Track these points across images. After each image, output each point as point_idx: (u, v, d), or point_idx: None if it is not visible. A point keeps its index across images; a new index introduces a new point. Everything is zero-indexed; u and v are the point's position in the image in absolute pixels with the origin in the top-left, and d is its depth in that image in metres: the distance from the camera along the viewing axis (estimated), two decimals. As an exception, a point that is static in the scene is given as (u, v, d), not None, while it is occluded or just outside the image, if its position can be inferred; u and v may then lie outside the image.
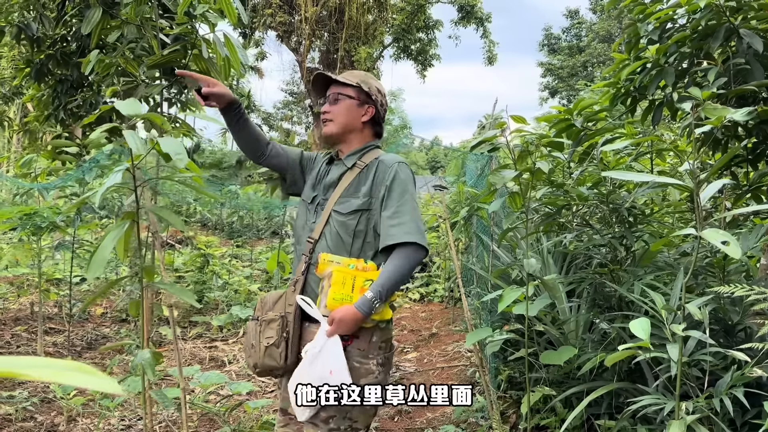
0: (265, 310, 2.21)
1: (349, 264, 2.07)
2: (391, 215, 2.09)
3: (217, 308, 7.37)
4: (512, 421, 3.64)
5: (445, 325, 6.82)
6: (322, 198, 2.26)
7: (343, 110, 2.25)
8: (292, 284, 2.21)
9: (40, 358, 0.58)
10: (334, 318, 2.01)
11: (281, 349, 2.11)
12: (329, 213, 2.18)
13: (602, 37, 32.73)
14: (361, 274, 2.06)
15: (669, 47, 2.84)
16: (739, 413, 2.34)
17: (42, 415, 3.92)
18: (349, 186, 2.19)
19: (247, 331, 2.24)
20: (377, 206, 2.15)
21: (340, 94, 2.26)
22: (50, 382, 1.05)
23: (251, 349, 2.18)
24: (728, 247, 1.47)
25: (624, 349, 1.87)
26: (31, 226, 4.99)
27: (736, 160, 2.99)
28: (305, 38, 23.23)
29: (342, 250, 2.13)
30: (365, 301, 2.00)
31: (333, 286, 2.02)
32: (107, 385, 0.57)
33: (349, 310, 2.00)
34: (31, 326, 6.11)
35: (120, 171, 2.18)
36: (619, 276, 3.05)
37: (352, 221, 2.14)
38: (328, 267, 2.06)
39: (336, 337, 2.02)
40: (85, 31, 3.95)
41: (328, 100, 2.29)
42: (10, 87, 7.67)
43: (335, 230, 2.15)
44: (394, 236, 2.05)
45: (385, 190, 2.14)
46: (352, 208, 2.14)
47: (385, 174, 2.16)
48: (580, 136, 3.14)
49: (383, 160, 2.23)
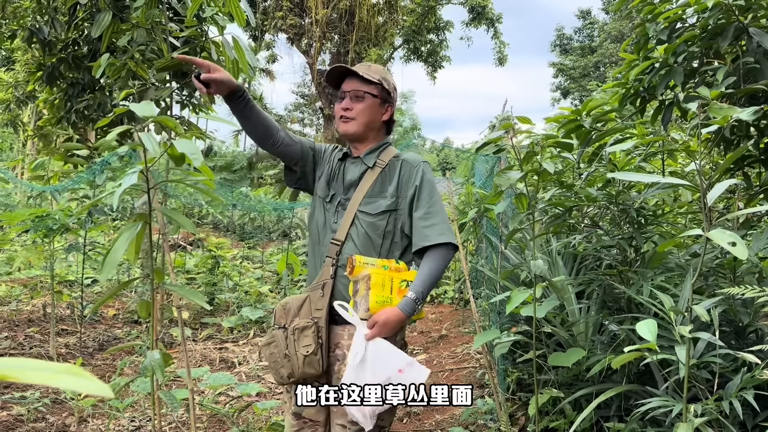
0: (290, 317, 2.12)
1: (382, 265, 2.04)
2: (423, 216, 2.10)
3: (227, 310, 7.40)
4: (521, 423, 3.62)
5: (454, 326, 6.80)
6: (343, 197, 2.20)
7: (367, 109, 2.19)
8: (318, 288, 2.12)
9: (33, 361, 0.58)
10: (376, 321, 1.98)
11: (319, 356, 2.06)
12: (354, 213, 2.13)
13: (614, 37, 32.56)
14: (397, 275, 2.04)
15: (678, 46, 2.82)
16: (749, 416, 2.31)
17: (53, 415, 3.95)
18: (373, 186, 2.16)
19: (275, 340, 2.11)
20: (404, 206, 2.14)
21: (366, 92, 2.18)
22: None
23: (284, 359, 2.08)
24: (735, 248, 1.46)
25: (630, 351, 1.85)
26: (43, 228, 5.04)
27: (749, 160, 2.96)
28: (316, 41, 23.30)
29: (371, 251, 2.10)
30: (409, 303, 2.01)
31: (373, 288, 1.98)
32: (98, 389, 0.57)
33: (393, 312, 1.99)
34: (44, 328, 6.17)
35: (135, 173, 2.20)
36: (629, 277, 3.03)
37: (381, 222, 2.12)
38: (364, 269, 2.00)
39: (380, 339, 1.99)
40: (96, 35, 3.99)
41: (349, 96, 2.19)
42: (23, 91, 7.75)
43: (363, 231, 2.11)
44: (429, 237, 2.06)
45: (415, 191, 2.14)
46: (381, 209, 2.12)
47: (411, 174, 2.16)
48: (588, 137, 3.12)
49: (407, 159, 2.21)
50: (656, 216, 3.30)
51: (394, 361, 1.98)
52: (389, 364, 1.97)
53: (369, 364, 1.97)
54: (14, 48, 6.92)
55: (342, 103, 2.21)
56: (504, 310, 3.19)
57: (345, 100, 2.20)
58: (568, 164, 3.68)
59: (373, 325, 1.98)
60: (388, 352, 1.99)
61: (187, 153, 1.97)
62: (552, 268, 3.65)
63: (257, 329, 6.60)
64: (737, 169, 3.02)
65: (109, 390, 0.59)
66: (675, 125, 4.53)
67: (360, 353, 1.97)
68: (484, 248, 5.27)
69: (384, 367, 1.96)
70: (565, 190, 3.23)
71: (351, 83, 2.20)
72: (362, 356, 1.97)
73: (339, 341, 2.13)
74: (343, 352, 2.10)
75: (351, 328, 2.08)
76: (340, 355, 2.11)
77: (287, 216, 10.50)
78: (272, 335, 2.14)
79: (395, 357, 1.99)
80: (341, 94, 2.22)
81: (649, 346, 1.76)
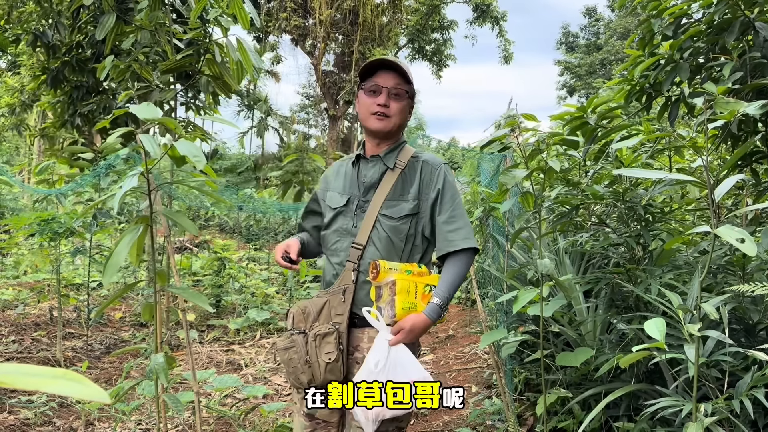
0: (310, 322, 2.08)
1: (405, 270, 2.01)
2: (447, 220, 2.08)
3: (234, 311, 7.40)
4: (529, 423, 3.60)
5: (461, 326, 6.78)
6: (361, 200, 2.15)
7: (403, 109, 2.16)
8: (339, 293, 2.08)
9: (30, 366, 0.57)
10: (403, 327, 1.95)
11: (341, 363, 2.03)
12: (375, 217, 2.09)
13: (620, 34, 32.45)
14: (420, 280, 2.02)
15: (683, 42, 2.79)
16: (761, 415, 2.29)
17: (60, 419, 3.95)
18: (394, 187, 2.12)
19: (295, 346, 2.07)
20: (426, 209, 2.11)
21: (407, 91, 2.14)
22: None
23: (305, 366, 2.04)
24: (744, 245, 1.43)
25: (639, 350, 1.83)
26: (49, 231, 5.05)
27: (757, 156, 2.93)
28: (320, 41, 23.32)
29: (393, 255, 2.08)
30: (435, 309, 1.99)
31: (399, 294, 1.95)
32: (94, 394, 0.56)
33: (419, 318, 1.97)
34: (51, 331, 6.18)
35: (135, 175, 2.19)
36: (637, 275, 3.00)
37: (404, 225, 2.08)
38: (388, 275, 1.96)
39: (402, 345, 1.97)
40: (99, 37, 3.99)
41: (387, 92, 2.11)
42: (29, 95, 7.78)
43: (385, 234, 2.08)
44: (453, 242, 2.05)
45: (438, 194, 2.11)
46: (403, 213, 2.09)
47: (432, 176, 2.13)
48: (594, 134, 3.10)
49: (427, 160, 2.17)
50: (664, 213, 3.27)
51: (410, 373, 1.95)
52: (405, 374, 1.94)
53: (386, 370, 1.94)
54: (20, 52, 6.94)
55: (378, 98, 2.12)
56: (511, 309, 3.17)
57: (382, 96, 2.11)
58: (574, 162, 3.65)
59: (398, 331, 1.96)
60: (408, 363, 1.97)
61: (189, 155, 1.95)
62: (559, 266, 3.63)
63: (264, 331, 6.60)
64: (745, 165, 2.99)
65: (106, 395, 0.58)
66: (682, 122, 4.50)
67: (381, 360, 1.94)
68: (490, 247, 5.25)
69: (400, 377, 1.93)
70: (572, 188, 3.20)
71: (391, 78, 2.12)
72: (383, 363, 1.94)
73: (358, 344, 2.10)
74: (362, 355, 2.07)
75: (370, 331, 2.06)
76: (360, 359, 2.08)
77: (292, 217, 10.50)
78: (292, 340, 2.08)
79: (413, 369, 1.96)
80: (374, 87, 2.12)
81: (657, 345, 1.74)
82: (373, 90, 2.13)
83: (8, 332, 6.03)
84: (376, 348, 1.97)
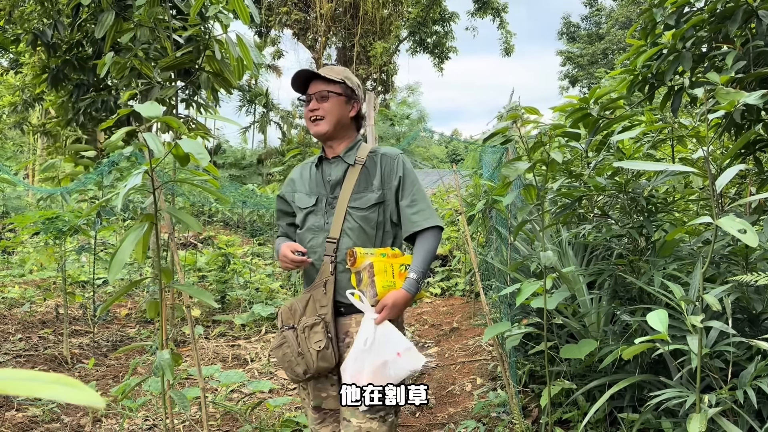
0: (297, 317, 2.22)
1: (380, 253, 2.16)
2: (409, 204, 2.23)
3: (239, 307, 7.42)
4: (534, 415, 3.60)
5: (466, 319, 6.79)
6: (330, 197, 2.29)
7: (334, 107, 2.28)
8: (320, 286, 2.21)
9: (24, 371, 0.57)
10: (385, 304, 2.09)
11: (331, 350, 2.15)
12: (345, 210, 2.22)
13: (622, 23, 32.26)
14: (395, 261, 2.17)
15: (686, 31, 2.77)
16: (765, 405, 2.28)
17: (68, 416, 3.98)
18: (358, 181, 2.26)
19: (287, 340, 2.21)
20: (390, 197, 2.27)
21: (330, 91, 2.27)
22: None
23: (298, 357, 2.17)
24: (745, 235, 1.43)
25: (642, 342, 1.82)
26: (54, 230, 5.06)
27: (760, 144, 2.91)
28: (321, 35, 23.25)
29: (367, 243, 2.22)
30: (412, 282, 2.14)
31: (378, 275, 2.10)
32: (90, 399, 0.56)
33: (399, 293, 2.11)
34: (57, 329, 6.21)
35: (139, 173, 2.19)
36: (640, 267, 3.00)
37: (372, 214, 2.23)
38: (365, 260, 2.11)
39: (387, 321, 2.10)
40: (99, 35, 3.98)
41: (314, 98, 2.28)
42: (30, 93, 7.78)
43: (357, 225, 2.21)
44: (417, 223, 2.21)
45: (399, 181, 2.26)
46: (371, 202, 2.23)
47: (393, 166, 2.28)
48: (596, 125, 3.08)
49: (385, 153, 2.33)
50: (666, 203, 3.26)
51: (394, 344, 2.08)
52: (390, 346, 2.07)
53: (376, 346, 2.07)
54: (21, 51, 6.94)
55: (309, 105, 2.30)
56: (514, 302, 3.17)
57: (312, 102, 2.29)
58: (576, 153, 3.63)
59: (382, 308, 2.09)
60: (392, 335, 2.10)
61: (193, 153, 1.98)
62: (562, 258, 3.62)
63: (269, 326, 6.61)
64: (748, 154, 2.98)
65: (101, 401, 0.58)
66: (685, 110, 4.47)
67: (369, 338, 2.07)
68: (493, 240, 5.24)
69: (385, 349, 2.06)
70: (574, 180, 3.19)
71: (315, 86, 2.30)
72: (371, 341, 2.06)
73: (348, 330, 2.22)
74: (353, 339, 2.18)
75: (357, 317, 2.19)
76: (351, 343, 2.18)
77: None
78: (283, 336, 2.23)
79: (397, 340, 2.09)
80: (307, 97, 2.32)
81: (660, 337, 1.74)
82: (307, 101, 2.33)
83: (15, 330, 6.07)
84: (363, 328, 2.11)
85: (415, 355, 2.10)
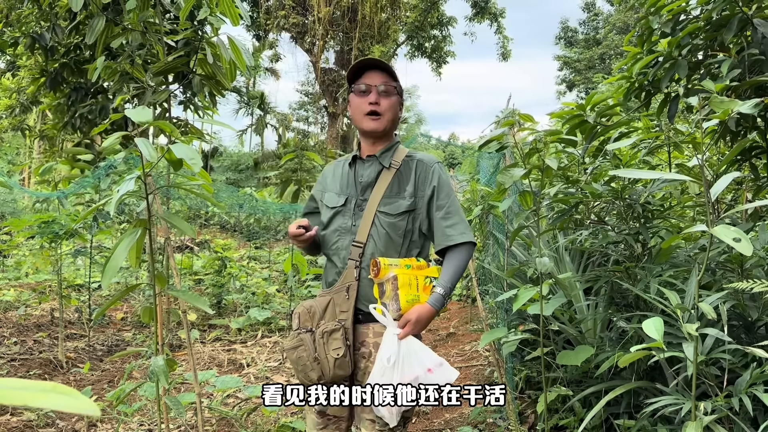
0: (316, 320, 2.12)
1: (405, 265, 2.08)
2: (444, 216, 2.15)
3: (235, 311, 7.40)
4: (530, 421, 3.60)
5: (462, 324, 6.78)
6: (359, 198, 2.19)
7: (394, 106, 2.20)
8: (342, 290, 2.12)
9: (17, 380, 0.57)
10: (409, 319, 2.02)
11: (348, 359, 2.07)
12: (374, 214, 2.13)
13: (619, 29, 32.35)
14: (420, 273, 2.09)
15: (682, 39, 2.78)
16: (760, 412, 2.28)
17: (63, 420, 3.96)
18: (391, 186, 2.17)
19: (303, 344, 2.10)
20: (422, 206, 2.18)
21: (395, 87, 2.18)
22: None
23: (314, 363, 2.07)
24: (739, 244, 1.43)
25: (638, 350, 1.83)
26: (50, 233, 5.05)
27: (756, 151, 2.92)
28: (319, 39, 23.28)
29: (392, 251, 2.13)
30: (438, 298, 2.06)
31: (402, 288, 2.03)
32: (84, 407, 0.56)
33: (423, 308, 2.04)
34: (53, 332, 6.18)
35: (132, 178, 2.19)
36: (636, 273, 3.00)
37: (401, 222, 2.14)
38: (389, 271, 2.04)
39: (411, 336, 2.03)
40: (90, 41, 3.97)
41: (376, 90, 2.16)
42: (28, 96, 7.77)
43: (384, 231, 2.13)
44: (451, 237, 2.12)
45: (433, 191, 2.18)
46: (401, 209, 2.14)
47: (428, 174, 2.20)
48: (593, 132, 3.09)
49: (422, 159, 2.23)
50: (663, 210, 3.26)
51: (424, 361, 2.00)
52: (420, 363, 1.99)
53: (400, 363, 1.98)
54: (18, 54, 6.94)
55: (369, 97, 2.17)
56: (511, 307, 3.17)
57: (372, 94, 2.16)
58: (572, 159, 3.64)
59: (405, 323, 2.02)
60: (419, 350, 2.02)
61: (186, 158, 1.96)
62: (559, 264, 3.63)
63: (265, 330, 6.60)
64: (744, 161, 2.99)
65: (96, 409, 0.58)
66: (681, 117, 4.48)
67: (393, 355, 1.98)
68: (490, 245, 5.24)
69: (414, 366, 1.98)
70: (570, 186, 3.20)
71: (378, 77, 2.17)
72: (395, 357, 1.98)
73: (364, 339, 2.15)
74: (369, 350, 2.13)
75: (375, 326, 2.11)
76: (366, 353, 2.13)
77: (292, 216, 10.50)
78: (300, 339, 2.11)
79: (426, 356, 2.02)
80: (363, 87, 2.18)
81: (656, 344, 1.74)
82: (363, 90, 2.18)
83: (10, 333, 6.04)
84: (385, 344, 2.02)
85: (448, 370, 2.03)
